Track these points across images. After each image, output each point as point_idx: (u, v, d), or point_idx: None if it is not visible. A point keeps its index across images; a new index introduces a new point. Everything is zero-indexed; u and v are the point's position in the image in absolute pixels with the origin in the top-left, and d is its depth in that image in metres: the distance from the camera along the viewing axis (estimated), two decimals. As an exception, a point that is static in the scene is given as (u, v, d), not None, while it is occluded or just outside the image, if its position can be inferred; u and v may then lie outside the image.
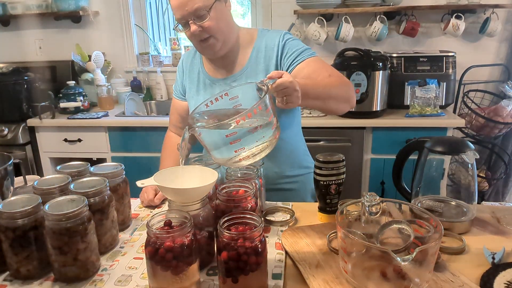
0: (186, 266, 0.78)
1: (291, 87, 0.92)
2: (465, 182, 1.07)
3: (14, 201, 0.89)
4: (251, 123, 0.85)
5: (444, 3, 2.61)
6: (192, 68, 1.37)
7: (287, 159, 1.34)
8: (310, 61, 1.22)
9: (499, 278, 0.82)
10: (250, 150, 0.89)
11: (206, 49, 1.23)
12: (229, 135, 0.85)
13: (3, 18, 3.00)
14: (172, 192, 0.87)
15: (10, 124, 2.57)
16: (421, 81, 2.43)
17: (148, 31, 3.09)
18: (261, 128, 0.88)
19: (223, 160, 0.93)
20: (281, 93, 0.92)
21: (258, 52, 1.28)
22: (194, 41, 1.21)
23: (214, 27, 1.16)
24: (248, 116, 0.83)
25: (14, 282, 0.89)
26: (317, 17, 2.67)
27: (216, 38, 1.19)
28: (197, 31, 1.15)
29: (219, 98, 1.00)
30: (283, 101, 0.94)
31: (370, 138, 2.35)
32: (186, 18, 1.15)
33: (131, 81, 3.02)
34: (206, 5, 1.13)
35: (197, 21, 1.14)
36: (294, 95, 0.94)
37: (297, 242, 0.99)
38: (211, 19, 1.15)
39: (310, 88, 1.05)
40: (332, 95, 1.14)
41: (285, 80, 0.91)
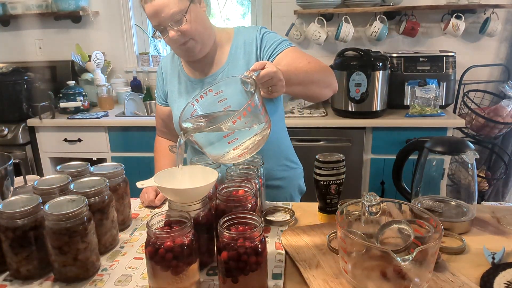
0: (186, 266, 0.78)
1: (275, 76, 0.93)
2: (465, 182, 1.07)
3: (14, 201, 0.89)
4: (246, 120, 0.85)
5: (444, 3, 2.61)
6: (173, 71, 1.37)
7: (274, 155, 1.34)
8: (288, 51, 1.24)
9: (499, 278, 0.82)
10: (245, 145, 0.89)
11: (186, 52, 1.23)
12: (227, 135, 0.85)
13: (3, 18, 3.00)
14: (172, 192, 0.87)
15: (10, 124, 2.57)
16: (421, 81, 2.43)
17: (148, 31, 3.09)
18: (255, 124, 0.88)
19: (218, 156, 0.92)
20: (266, 84, 0.93)
21: (236, 49, 1.29)
22: (173, 45, 1.21)
23: (192, 30, 1.16)
24: (243, 114, 0.83)
25: (14, 282, 0.89)
26: (317, 17, 2.67)
27: (195, 40, 1.19)
28: (176, 36, 1.15)
29: (204, 95, 0.99)
30: (268, 91, 0.96)
31: (370, 138, 2.35)
32: (163, 25, 1.14)
33: (131, 81, 3.02)
34: (181, 9, 1.13)
35: (175, 26, 1.14)
36: (279, 84, 0.95)
37: (297, 242, 0.98)
38: (188, 23, 1.14)
39: (292, 74, 1.06)
40: (314, 80, 1.15)
41: (269, 70, 0.91)
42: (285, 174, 1.39)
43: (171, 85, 1.36)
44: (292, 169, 1.42)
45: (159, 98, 1.44)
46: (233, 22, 3.27)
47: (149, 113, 2.95)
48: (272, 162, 1.32)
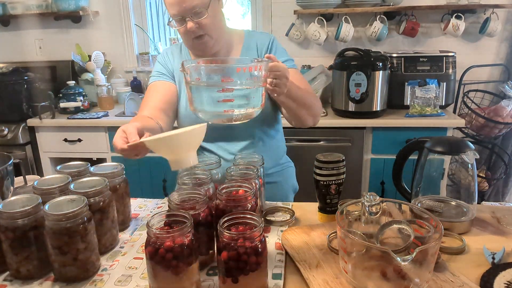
0: (186, 266, 0.78)
1: (283, 71, 0.99)
2: (465, 182, 1.07)
3: (14, 201, 0.89)
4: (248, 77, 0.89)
5: (444, 3, 2.61)
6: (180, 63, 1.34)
7: (271, 156, 1.37)
8: (293, 71, 1.28)
9: (499, 278, 0.82)
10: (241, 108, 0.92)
11: (199, 46, 1.23)
12: (224, 80, 0.87)
13: (3, 18, 3.01)
14: (164, 143, 0.84)
15: (10, 124, 2.57)
16: (421, 81, 2.43)
17: (148, 31, 3.09)
18: (254, 87, 0.92)
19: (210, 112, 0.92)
20: (273, 74, 0.98)
21: (248, 50, 1.32)
22: (187, 37, 1.21)
23: (210, 25, 1.17)
24: (249, 69, 0.88)
25: (14, 282, 0.89)
26: (317, 17, 2.67)
27: (210, 35, 1.20)
28: (194, 28, 1.15)
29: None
30: (271, 83, 1.00)
31: (370, 138, 2.35)
32: (182, 15, 1.14)
33: (131, 81, 3.02)
34: (204, 3, 1.14)
35: (194, 18, 1.15)
36: (283, 81, 1.00)
37: (297, 242, 0.98)
38: (208, 17, 1.15)
39: (293, 87, 1.11)
40: (307, 104, 1.22)
41: (281, 64, 0.98)
42: (280, 172, 1.43)
43: (181, 76, 1.32)
44: (287, 168, 1.47)
45: (163, 75, 1.33)
46: (233, 22, 3.28)
47: (149, 113, 2.95)
48: (268, 161, 1.32)
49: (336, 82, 2.44)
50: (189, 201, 0.90)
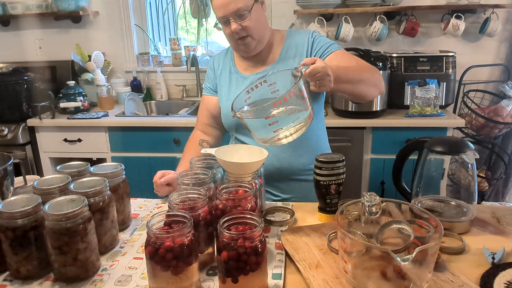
0: (186, 266, 0.78)
1: (323, 71, 1.00)
2: (465, 182, 1.07)
3: (14, 201, 0.89)
4: (287, 106, 0.96)
5: (444, 3, 2.61)
6: (224, 67, 1.44)
7: (312, 151, 1.38)
8: (338, 52, 1.31)
9: (499, 278, 0.82)
10: (288, 130, 1.01)
11: (242, 47, 1.31)
12: (268, 117, 0.97)
13: (3, 18, 3.00)
14: (232, 166, 1.03)
15: (10, 124, 2.57)
16: (421, 81, 2.43)
17: (148, 31, 3.09)
18: (296, 110, 0.99)
19: (263, 140, 1.05)
20: (314, 78, 1.01)
21: (288, 49, 1.37)
22: (232, 39, 1.30)
23: (252, 27, 1.25)
24: (284, 100, 0.93)
25: (14, 282, 0.89)
26: (317, 17, 2.67)
27: (253, 37, 1.28)
28: (237, 29, 1.24)
29: (259, 85, 1.10)
30: (316, 85, 1.03)
31: (370, 138, 2.35)
32: (227, 17, 1.23)
33: (131, 81, 3.02)
34: (247, 6, 1.22)
35: (238, 20, 1.23)
36: (327, 79, 1.02)
37: (297, 242, 0.99)
38: (250, 20, 1.24)
39: (341, 72, 1.12)
40: (362, 79, 1.21)
41: (318, 65, 1.00)
42: None
43: (222, 80, 1.43)
44: None
45: (208, 89, 1.48)
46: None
47: (149, 113, 2.95)
48: (308, 157, 1.37)
49: (336, 82, 2.44)
50: (189, 201, 0.90)
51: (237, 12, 1.21)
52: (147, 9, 3.07)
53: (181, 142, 2.41)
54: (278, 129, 1.00)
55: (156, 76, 2.97)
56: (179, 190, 0.94)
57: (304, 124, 1.02)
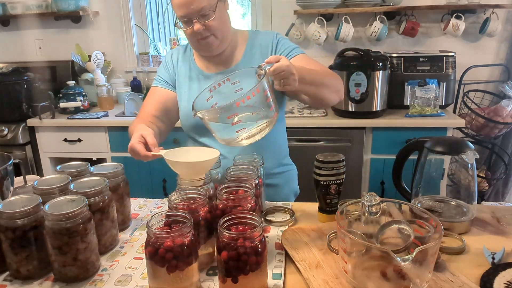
0: (186, 266, 0.78)
1: (287, 70, 0.99)
2: (465, 182, 1.07)
3: (14, 201, 0.89)
4: (250, 105, 0.93)
5: (444, 3, 2.61)
6: (184, 63, 1.38)
7: (273, 155, 1.37)
8: (301, 56, 1.30)
9: (499, 278, 0.82)
10: (250, 131, 0.98)
11: (204, 47, 1.26)
12: (231, 117, 0.93)
13: (3, 18, 3.00)
14: (183, 166, 0.97)
15: (10, 124, 2.57)
16: (421, 81, 2.43)
17: (148, 31, 3.09)
18: (260, 110, 0.96)
19: (226, 140, 1.01)
20: (278, 76, 0.99)
21: (252, 49, 1.34)
22: (193, 39, 1.24)
23: (216, 26, 1.20)
24: (247, 98, 0.90)
25: (14, 282, 0.89)
26: (317, 17, 2.67)
27: (216, 36, 1.23)
28: (201, 29, 1.18)
29: (222, 84, 1.07)
30: (280, 83, 1.01)
31: (370, 138, 2.35)
32: (190, 16, 1.17)
33: (131, 81, 3.02)
34: (210, 5, 1.16)
35: (201, 20, 1.17)
36: (291, 78, 1.00)
37: (297, 242, 0.99)
38: (214, 19, 1.18)
39: (306, 73, 1.10)
40: (325, 83, 1.20)
41: (282, 64, 0.98)
42: (280, 175, 1.42)
43: (182, 77, 1.37)
44: (287, 170, 1.46)
45: (163, 81, 1.38)
46: (233, 22, 3.27)
47: (149, 113, 2.95)
48: (270, 161, 1.34)
49: (336, 82, 2.44)
50: (189, 201, 0.90)
51: (200, 11, 1.15)
52: (147, 9, 3.07)
53: (181, 142, 2.41)
54: (241, 129, 0.96)
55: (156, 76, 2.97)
56: (179, 190, 0.94)
57: (268, 124, 0.99)
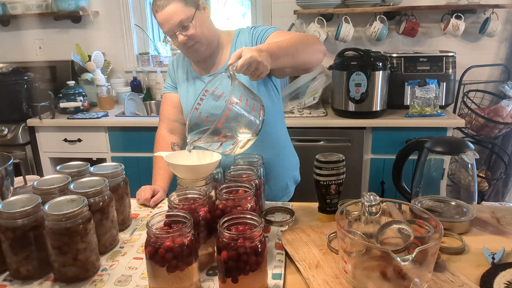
0: (186, 266, 0.78)
1: (252, 61, 0.97)
2: (465, 182, 1.07)
3: (14, 201, 0.89)
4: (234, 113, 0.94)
5: (444, 3, 2.61)
6: (183, 68, 1.47)
7: (271, 146, 1.41)
8: (276, 33, 1.32)
9: (499, 278, 0.82)
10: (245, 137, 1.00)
11: (192, 53, 1.34)
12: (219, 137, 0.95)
13: (3, 18, 3.00)
14: (183, 169, 0.98)
15: (10, 124, 2.57)
16: (421, 81, 2.43)
17: (148, 31, 3.09)
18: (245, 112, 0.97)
19: (227, 153, 1.03)
20: (248, 71, 0.99)
21: (236, 48, 1.38)
22: (182, 48, 1.33)
23: (198, 34, 1.27)
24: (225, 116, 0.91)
25: (14, 282, 0.89)
26: (317, 17, 2.67)
27: (201, 42, 1.30)
28: (184, 40, 1.26)
29: (204, 98, 1.09)
30: (253, 76, 1.01)
31: (370, 138, 2.35)
32: (172, 30, 1.26)
33: (131, 81, 3.02)
34: (188, 16, 1.24)
35: (183, 31, 1.26)
36: (260, 67, 0.99)
37: (297, 242, 0.99)
38: (194, 28, 1.26)
39: (275, 48, 1.09)
40: (300, 48, 1.18)
41: (244, 58, 0.96)
42: (282, 164, 1.46)
43: (181, 81, 1.46)
44: (288, 159, 1.51)
45: (171, 87, 1.49)
46: (233, 22, 3.27)
47: (149, 113, 2.95)
48: (269, 152, 1.38)
49: (336, 82, 2.44)
50: (189, 201, 0.90)
51: (180, 24, 1.24)
52: (147, 9, 3.07)
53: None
54: (234, 141, 0.99)
55: (156, 76, 2.97)
56: (179, 190, 0.94)
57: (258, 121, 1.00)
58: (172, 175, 1.38)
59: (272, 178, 1.42)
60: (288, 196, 1.50)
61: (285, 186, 1.48)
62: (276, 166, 1.43)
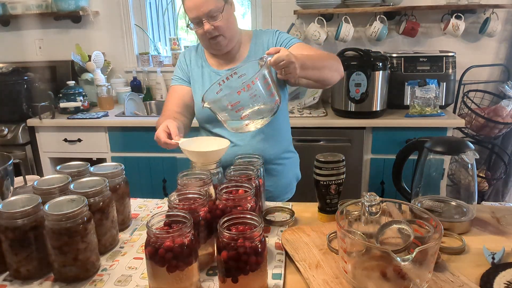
0: (186, 266, 0.78)
1: (287, 59, 1.06)
2: (465, 182, 1.07)
3: (14, 201, 0.89)
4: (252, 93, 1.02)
5: (444, 3, 2.61)
6: (196, 61, 1.48)
7: (276, 142, 1.44)
8: (299, 45, 1.40)
9: (499, 278, 0.82)
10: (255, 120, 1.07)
11: (214, 46, 1.36)
12: (234, 104, 1.03)
13: (3, 18, 3.00)
14: (196, 154, 1.05)
15: (10, 124, 2.57)
16: (421, 81, 2.43)
17: (148, 31, 3.09)
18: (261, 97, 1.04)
19: (233, 127, 1.10)
20: (279, 66, 1.06)
21: (256, 46, 1.44)
22: (204, 38, 1.35)
23: (224, 27, 1.31)
24: (247, 86, 0.99)
25: (14, 282, 0.89)
26: (317, 17, 2.67)
27: (224, 36, 1.33)
28: (210, 29, 1.29)
29: (230, 77, 1.16)
30: (282, 73, 1.09)
31: (370, 138, 2.35)
32: (200, 18, 1.28)
33: (131, 81, 3.02)
34: (218, 7, 1.28)
35: (210, 21, 1.29)
36: (291, 67, 1.07)
37: (297, 242, 0.99)
38: (222, 20, 1.29)
39: (306, 59, 1.18)
40: (326, 65, 1.28)
41: (282, 54, 1.05)
42: (287, 161, 1.50)
43: (195, 75, 1.47)
44: (291, 157, 1.54)
45: (180, 79, 1.49)
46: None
47: (149, 113, 2.95)
48: (277, 148, 1.43)
49: (336, 82, 2.44)
50: (189, 201, 0.90)
51: (209, 14, 1.27)
52: (147, 9, 3.07)
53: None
54: (244, 115, 1.06)
55: (156, 76, 2.97)
56: (179, 190, 0.94)
57: (270, 109, 1.07)
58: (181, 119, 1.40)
59: (278, 174, 1.46)
60: (291, 193, 1.53)
61: (289, 183, 1.52)
62: (282, 162, 1.46)
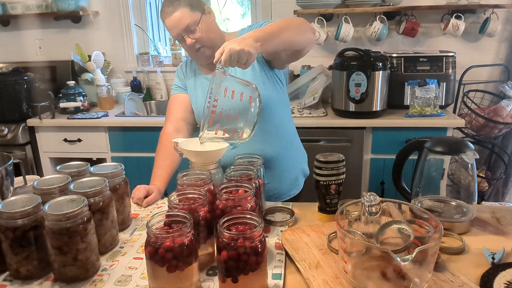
0: (186, 266, 0.78)
1: (232, 53, 1.02)
2: (465, 182, 1.07)
3: (14, 201, 0.89)
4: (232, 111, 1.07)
5: (444, 3, 2.61)
6: (191, 71, 1.51)
7: (279, 139, 1.43)
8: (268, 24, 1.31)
9: (499, 278, 0.82)
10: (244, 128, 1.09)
11: (199, 57, 1.40)
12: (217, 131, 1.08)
13: (3, 18, 3.00)
14: (195, 154, 1.07)
15: (10, 124, 2.56)
16: (421, 81, 2.43)
17: (148, 31, 3.09)
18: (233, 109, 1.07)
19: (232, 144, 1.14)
20: (234, 63, 1.04)
21: None
22: (190, 52, 1.39)
23: (205, 37, 1.33)
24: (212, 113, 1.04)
25: (14, 282, 0.89)
26: (317, 17, 2.67)
27: (206, 46, 1.35)
28: (192, 43, 1.32)
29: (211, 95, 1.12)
30: (240, 65, 1.06)
31: (370, 138, 2.35)
32: (181, 35, 1.32)
33: (131, 81, 3.02)
34: (195, 20, 1.30)
35: (190, 35, 1.32)
36: (242, 54, 1.03)
37: (297, 242, 0.99)
38: (200, 32, 1.32)
39: (259, 32, 1.12)
40: (284, 28, 1.19)
41: (226, 53, 1.02)
42: (290, 157, 1.48)
43: (190, 82, 1.50)
44: (297, 152, 1.54)
45: (180, 88, 1.52)
46: (233, 22, 3.28)
47: (149, 113, 2.95)
48: (277, 144, 1.42)
49: (336, 82, 2.44)
50: (189, 201, 0.90)
51: (187, 28, 1.30)
52: (147, 9, 3.07)
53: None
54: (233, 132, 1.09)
55: (156, 76, 2.97)
56: (179, 190, 0.94)
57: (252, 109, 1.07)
58: (171, 175, 1.39)
59: (281, 170, 1.44)
60: (297, 188, 1.51)
61: (294, 179, 1.49)
62: (285, 158, 1.45)
